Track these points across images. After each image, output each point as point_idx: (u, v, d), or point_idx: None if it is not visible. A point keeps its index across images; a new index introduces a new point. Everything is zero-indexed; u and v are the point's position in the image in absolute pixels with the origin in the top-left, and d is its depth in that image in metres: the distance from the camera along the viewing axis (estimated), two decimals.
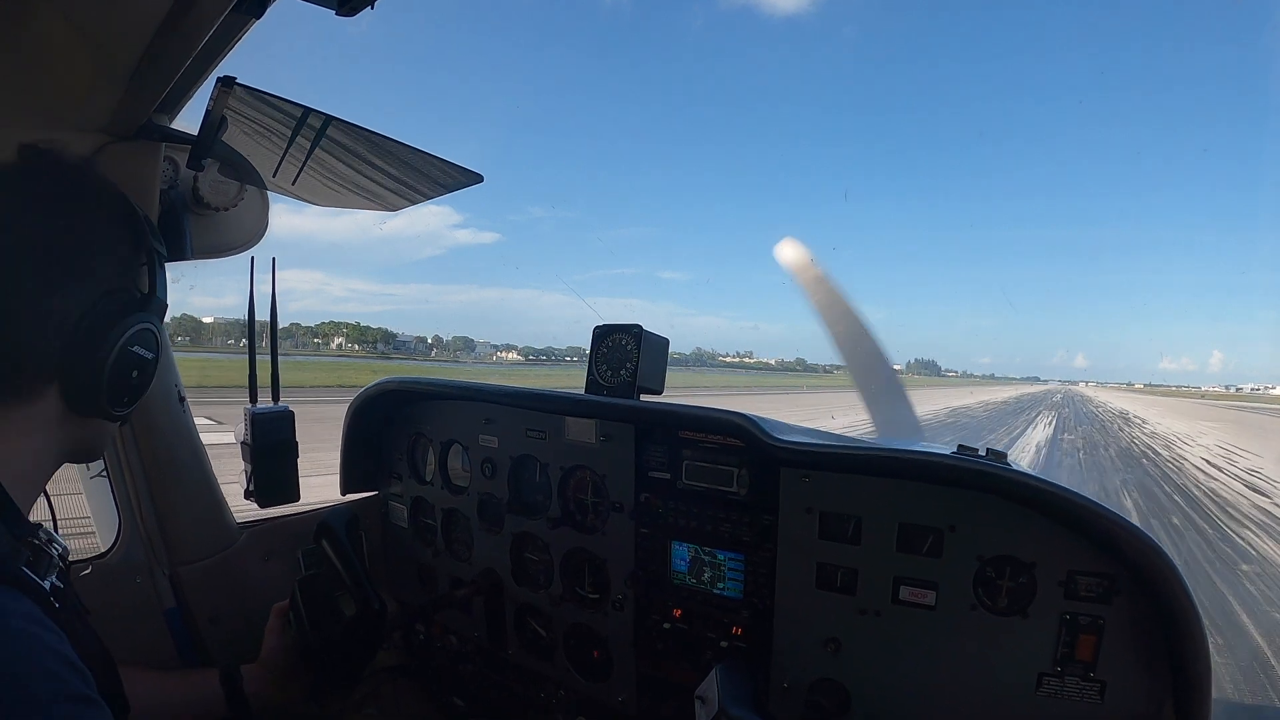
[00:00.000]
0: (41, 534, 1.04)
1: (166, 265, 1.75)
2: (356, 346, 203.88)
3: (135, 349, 1.01)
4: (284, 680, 1.64)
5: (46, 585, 0.95)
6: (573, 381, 2.06)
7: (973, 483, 1.26)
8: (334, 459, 2.27)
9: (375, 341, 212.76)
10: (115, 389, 1.01)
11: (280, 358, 1.95)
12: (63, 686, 0.79)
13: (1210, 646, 1.11)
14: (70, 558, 1.15)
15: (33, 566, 0.94)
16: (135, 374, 1.03)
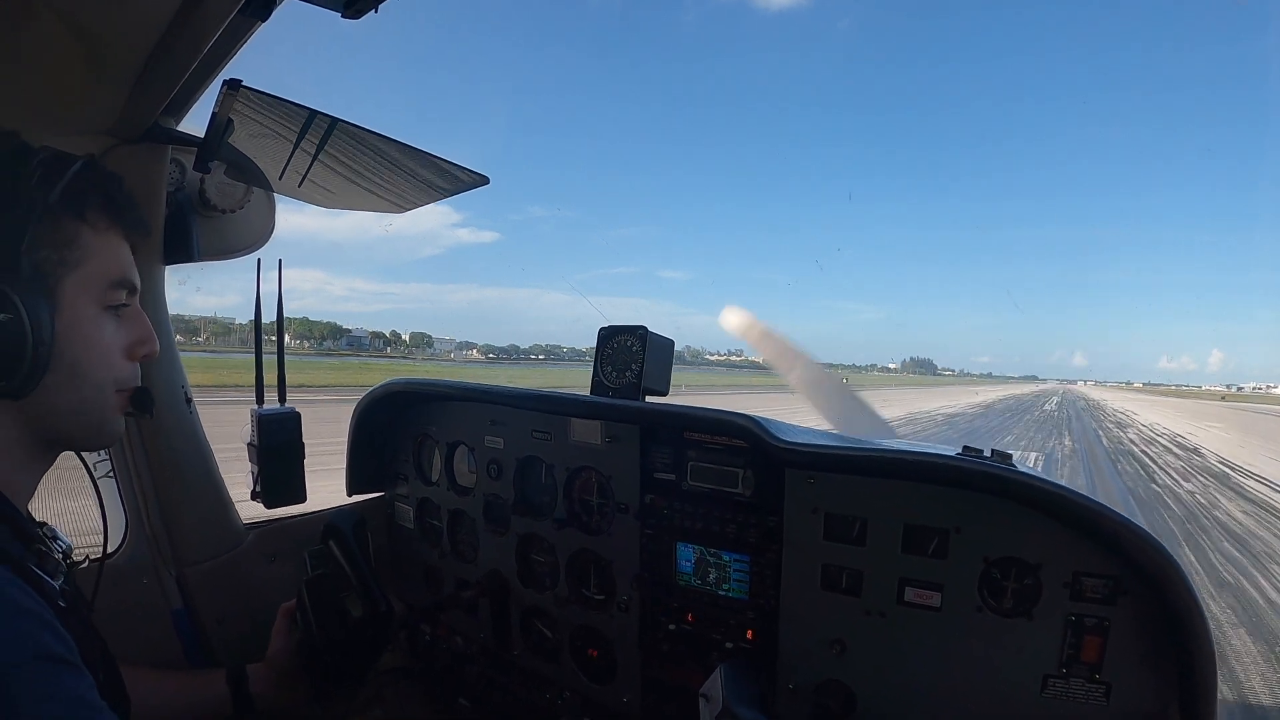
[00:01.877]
0: (46, 532, 1.06)
1: (173, 267, 1.78)
2: (306, 344, 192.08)
3: None
4: (290, 680, 1.65)
5: (57, 585, 0.97)
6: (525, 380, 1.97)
7: (978, 484, 1.26)
8: None
9: (322, 338, 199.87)
10: None
11: (202, 355, 1.94)
12: (36, 646, 0.80)
13: (1216, 648, 1.11)
14: (76, 556, 1.17)
15: (40, 567, 0.96)
16: None
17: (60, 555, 1.04)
